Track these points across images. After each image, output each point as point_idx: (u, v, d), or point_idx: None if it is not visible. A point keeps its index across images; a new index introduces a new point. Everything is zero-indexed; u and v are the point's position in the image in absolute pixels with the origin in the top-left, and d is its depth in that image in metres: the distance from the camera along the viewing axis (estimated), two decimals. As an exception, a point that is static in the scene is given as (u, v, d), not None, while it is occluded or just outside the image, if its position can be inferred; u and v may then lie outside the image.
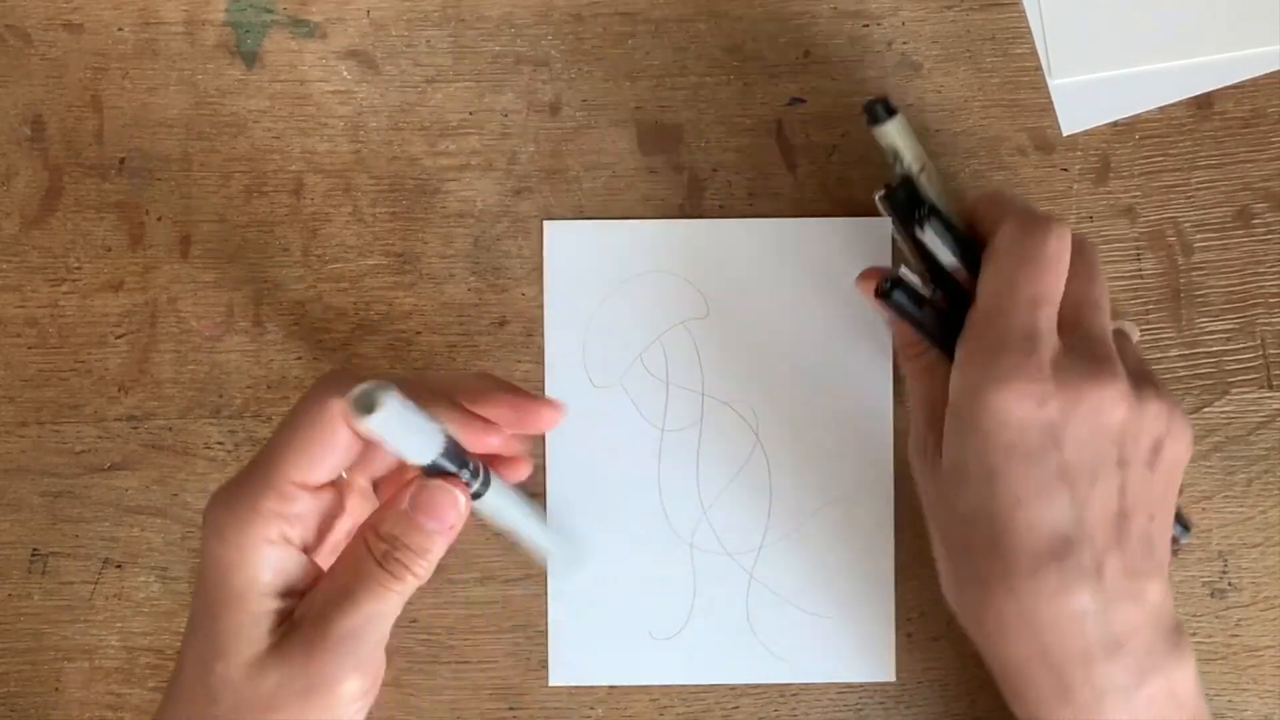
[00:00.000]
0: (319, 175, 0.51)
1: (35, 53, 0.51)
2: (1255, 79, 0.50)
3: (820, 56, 0.51)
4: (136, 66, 0.51)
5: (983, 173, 0.50)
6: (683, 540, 0.50)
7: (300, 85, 0.51)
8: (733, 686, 0.50)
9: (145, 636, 0.50)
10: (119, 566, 0.50)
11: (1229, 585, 0.50)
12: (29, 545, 0.50)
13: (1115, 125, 0.51)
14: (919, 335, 0.45)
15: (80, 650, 0.50)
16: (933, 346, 0.45)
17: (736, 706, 0.50)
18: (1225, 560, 0.50)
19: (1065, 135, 0.50)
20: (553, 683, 0.50)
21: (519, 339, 0.50)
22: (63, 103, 0.51)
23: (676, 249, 0.50)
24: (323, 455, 0.40)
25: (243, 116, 0.51)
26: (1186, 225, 0.50)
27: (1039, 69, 0.51)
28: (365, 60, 0.51)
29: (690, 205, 0.51)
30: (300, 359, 0.50)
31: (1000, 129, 0.50)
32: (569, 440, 0.50)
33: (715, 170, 0.51)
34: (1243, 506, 0.50)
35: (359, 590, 0.40)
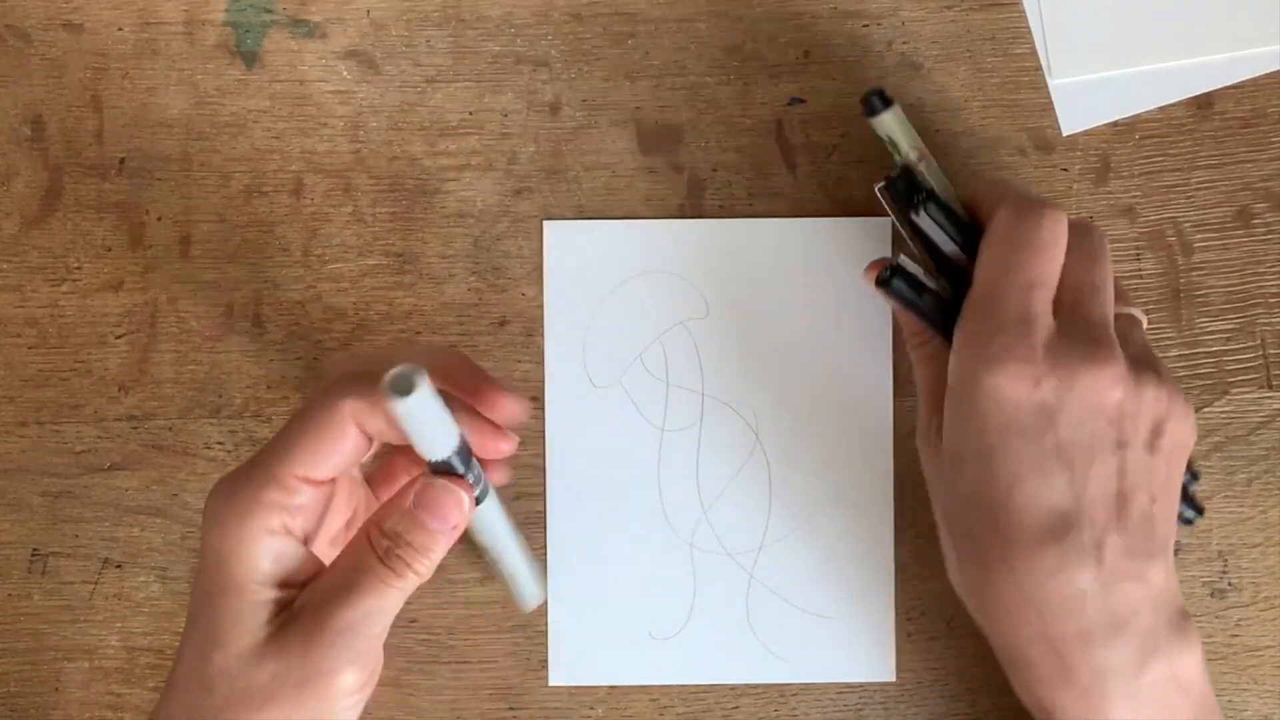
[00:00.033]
0: (319, 175, 0.51)
1: (35, 53, 0.51)
2: (1255, 79, 0.50)
3: (820, 56, 0.51)
4: (136, 66, 0.51)
5: (983, 173, 0.50)
6: (683, 540, 0.50)
7: (300, 85, 0.51)
8: (733, 686, 0.50)
9: (145, 636, 0.50)
10: (119, 566, 0.50)
11: (1229, 585, 0.50)
12: (29, 545, 0.50)
13: (1115, 125, 0.51)
14: (923, 323, 0.45)
15: (80, 650, 0.50)
16: (936, 334, 0.45)
17: (736, 706, 0.50)
18: (1225, 560, 0.50)
19: (1065, 135, 0.50)
20: (553, 683, 0.50)
21: (519, 339, 0.50)
22: (63, 103, 0.51)
23: (676, 249, 0.50)
24: (330, 454, 0.40)
25: (242, 116, 0.51)
26: (1186, 225, 0.50)
27: (1039, 69, 0.51)
28: (365, 60, 0.51)
29: (690, 205, 0.51)
30: (300, 359, 0.50)
31: (1000, 129, 0.50)
32: (569, 440, 0.50)
33: (715, 170, 0.51)
34: (1243, 506, 0.50)
35: (360, 585, 0.40)
